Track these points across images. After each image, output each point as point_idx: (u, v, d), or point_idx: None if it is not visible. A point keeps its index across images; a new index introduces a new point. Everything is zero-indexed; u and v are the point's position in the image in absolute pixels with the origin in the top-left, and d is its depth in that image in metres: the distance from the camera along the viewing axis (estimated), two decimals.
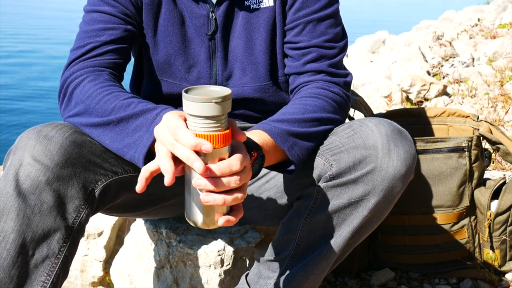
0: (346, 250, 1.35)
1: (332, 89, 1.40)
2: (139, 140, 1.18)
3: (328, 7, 1.44)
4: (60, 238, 1.20)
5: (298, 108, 1.32)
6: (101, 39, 1.38)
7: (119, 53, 1.40)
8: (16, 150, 1.20)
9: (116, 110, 1.23)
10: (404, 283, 1.92)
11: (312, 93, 1.37)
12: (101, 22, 1.40)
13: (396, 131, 1.25)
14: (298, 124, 1.27)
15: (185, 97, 1.01)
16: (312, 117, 1.30)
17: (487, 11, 9.23)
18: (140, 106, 1.22)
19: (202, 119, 1.01)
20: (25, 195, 1.16)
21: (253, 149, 1.14)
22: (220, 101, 0.99)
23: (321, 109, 1.33)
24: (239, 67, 1.48)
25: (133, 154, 1.18)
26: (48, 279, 1.18)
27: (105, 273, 1.98)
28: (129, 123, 1.21)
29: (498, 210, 1.87)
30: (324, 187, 1.28)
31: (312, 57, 1.43)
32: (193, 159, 1.00)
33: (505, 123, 3.44)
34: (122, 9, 1.41)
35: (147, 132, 1.17)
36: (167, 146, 1.04)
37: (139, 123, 1.20)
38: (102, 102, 1.25)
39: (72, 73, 1.35)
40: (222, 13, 1.44)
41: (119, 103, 1.24)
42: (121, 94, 1.27)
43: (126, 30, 1.41)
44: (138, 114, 1.21)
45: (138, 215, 1.59)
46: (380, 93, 4.25)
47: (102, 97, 1.26)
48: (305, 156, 1.27)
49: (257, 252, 1.66)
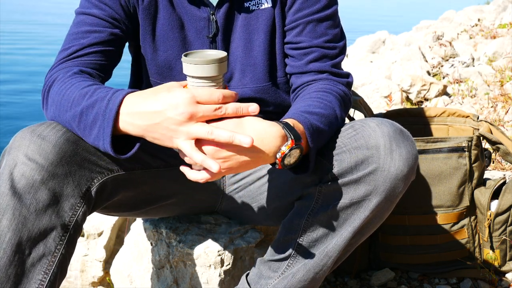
0: (347, 250, 1.35)
1: (339, 87, 1.40)
2: (101, 130, 1.17)
3: (328, 8, 1.44)
4: (57, 236, 1.20)
5: (318, 102, 1.32)
6: (85, 41, 1.38)
7: (103, 55, 1.39)
8: (11, 150, 1.20)
9: (76, 102, 1.22)
10: (404, 283, 1.92)
11: (324, 88, 1.37)
12: (88, 25, 1.40)
13: (398, 131, 1.25)
14: (322, 120, 1.27)
15: (185, 60, 1.15)
16: (331, 114, 1.30)
17: (487, 11, 9.23)
18: (95, 95, 1.20)
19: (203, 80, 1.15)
20: (20, 195, 1.16)
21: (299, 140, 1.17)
22: (217, 61, 1.15)
23: (336, 105, 1.34)
24: (239, 69, 1.48)
25: (102, 146, 1.18)
26: (45, 277, 1.19)
27: (105, 273, 1.98)
28: (88, 115, 1.20)
29: (498, 210, 1.87)
30: (325, 187, 1.28)
31: (314, 57, 1.43)
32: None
33: (505, 123, 3.44)
34: (110, 12, 1.41)
35: (104, 120, 1.17)
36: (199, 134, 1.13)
37: (95, 113, 1.18)
38: (66, 96, 1.25)
39: (51, 75, 1.35)
40: (222, 15, 1.44)
41: (78, 93, 1.23)
42: (82, 83, 1.25)
43: (112, 33, 1.40)
44: (92, 104, 1.19)
45: (137, 214, 1.59)
46: (380, 93, 4.25)
47: (66, 90, 1.25)
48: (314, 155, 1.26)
49: (257, 252, 1.66)
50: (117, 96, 1.17)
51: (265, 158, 1.17)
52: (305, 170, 1.24)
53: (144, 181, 1.42)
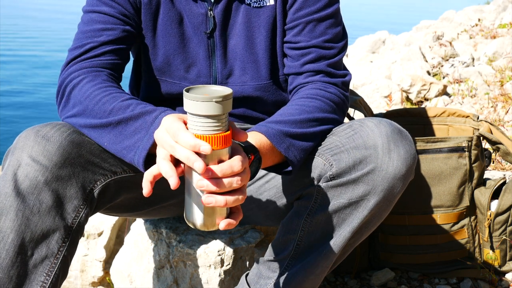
0: (346, 250, 1.35)
1: (329, 90, 1.39)
2: (138, 142, 1.18)
3: (329, 7, 1.44)
4: (59, 238, 1.20)
5: (295, 109, 1.32)
6: (99, 39, 1.38)
7: (117, 54, 1.40)
8: (15, 151, 1.20)
9: (115, 111, 1.23)
10: (404, 283, 1.92)
11: (309, 94, 1.37)
12: (99, 23, 1.40)
13: (397, 131, 1.25)
14: (294, 125, 1.27)
15: (185, 96, 1.00)
16: (309, 117, 1.30)
17: (487, 11, 9.22)
18: (139, 108, 1.22)
19: (202, 119, 1.00)
20: (24, 196, 1.16)
21: (250, 152, 1.14)
22: (220, 100, 0.98)
23: (318, 109, 1.33)
24: (239, 66, 1.48)
25: (132, 156, 1.18)
26: (47, 279, 1.18)
27: (105, 273, 1.98)
28: (128, 125, 1.21)
29: (498, 210, 1.87)
30: (324, 187, 1.28)
31: (310, 58, 1.42)
32: (193, 159, 1.00)
33: (505, 123, 3.44)
34: (120, 9, 1.41)
35: (146, 135, 1.17)
36: (167, 148, 1.04)
37: (138, 125, 1.20)
38: (100, 103, 1.25)
39: (70, 73, 1.35)
40: (220, 11, 1.44)
41: (118, 104, 1.24)
42: (120, 95, 1.27)
43: (124, 30, 1.41)
44: (137, 116, 1.21)
45: (138, 215, 1.59)
46: (380, 93, 4.24)
47: (101, 98, 1.26)
48: (302, 157, 1.27)
49: (257, 252, 1.66)
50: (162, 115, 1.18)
51: None
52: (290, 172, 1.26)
53: None
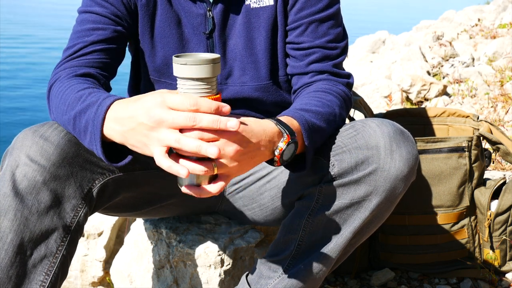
0: (347, 251, 1.35)
1: (339, 87, 1.40)
2: (92, 136, 1.15)
3: (330, 8, 1.44)
4: (58, 237, 1.20)
5: (316, 101, 1.31)
6: (89, 38, 1.38)
7: (107, 53, 1.39)
8: (13, 151, 1.20)
9: (70, 106, 1.21)
10: (404, 283, 1.92)
11: (324, 88, 1.37)
12: (91, 22, 1.40)
13: (399, 131, 1.25)
14: (319, 117, 1.26)
15: (177, 61, 1.06)
16: (329, 112, 1.30)
17: (487, 11, 9.22)
18: (87, 100, 1.19)
19: (195, 82, 1.06)
20: (22, 196, 1.16)
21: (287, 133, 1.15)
22: (211, 63, 1.06)
23: (335, 104, 1.33)
24: (238, 66, 1.47)
25: (96, 152, 1.16)
26: (46, 278, 1.19)
27: (105, 273, 1.98)
28: (80, 120, 1.18)
29: (498, 210, 1.87)
30: (326, 187, 1.28)
31: (316, 58, 1.42)
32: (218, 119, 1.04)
33: (505, 123, 3.44)
34: (113, 10, 1.41)
35: (94, 126, 1.14)
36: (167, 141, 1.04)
37: (86, 118, 1.16)
38: (63, 99, 1.24)
39: (56, 73, 1.35)
40: (219, 12, 1.44)
41: (73, 96, 1.22)
42: (77, 86, 1.24)
43: (115, 31, 1.41)
44: (85, 109, 1.17)
45: (137, 214, 1.59)
46: (380, 93, 4.25)
47: (63, 93, 1.25)
48: (313, 154, 1.26)
49: (257, 252, 1.66)
50: (106, 102, 1.14)
51: (262, 155, 1.15)
52: (302, 168, 1.24)
53: (144, 182, 1.42)
